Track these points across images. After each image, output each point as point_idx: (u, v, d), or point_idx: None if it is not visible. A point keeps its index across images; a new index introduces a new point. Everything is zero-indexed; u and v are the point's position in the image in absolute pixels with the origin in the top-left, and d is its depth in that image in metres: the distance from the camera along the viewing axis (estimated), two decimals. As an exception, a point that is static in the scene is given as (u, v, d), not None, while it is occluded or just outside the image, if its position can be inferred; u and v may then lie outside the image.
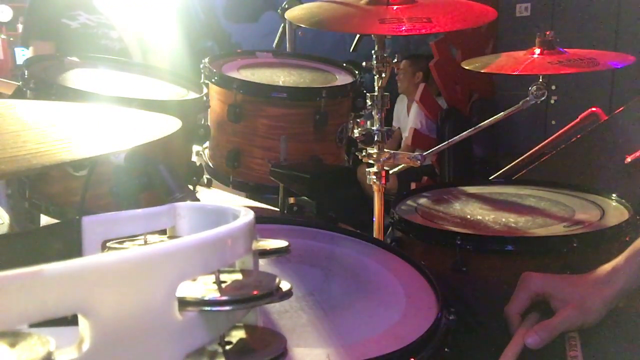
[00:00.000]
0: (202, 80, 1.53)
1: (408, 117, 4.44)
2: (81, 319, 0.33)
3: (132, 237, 0.57)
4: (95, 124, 0.59)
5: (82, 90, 1.21)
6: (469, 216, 1.34)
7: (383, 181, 1.47)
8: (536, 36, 1.59)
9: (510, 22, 4.43)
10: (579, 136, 1.94)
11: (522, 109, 1.66)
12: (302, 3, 1.63)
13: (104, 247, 0.56)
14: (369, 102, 1.47)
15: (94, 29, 2.54)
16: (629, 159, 1.73)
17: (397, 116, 4.62)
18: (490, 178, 1.82)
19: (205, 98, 1.41)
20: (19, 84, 1.25)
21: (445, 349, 0.75)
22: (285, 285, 0.43)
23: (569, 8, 4.18)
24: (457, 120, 4.36)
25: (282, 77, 1.59)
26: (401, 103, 4.61)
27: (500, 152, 4.40)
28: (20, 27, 6.80)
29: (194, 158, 1.60)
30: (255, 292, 0.41)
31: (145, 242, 0.57)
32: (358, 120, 1.65)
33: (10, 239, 0.63)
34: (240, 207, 0.50)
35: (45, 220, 1.31)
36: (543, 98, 1.62)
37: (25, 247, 0.55)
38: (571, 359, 0.82)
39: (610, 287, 0.87)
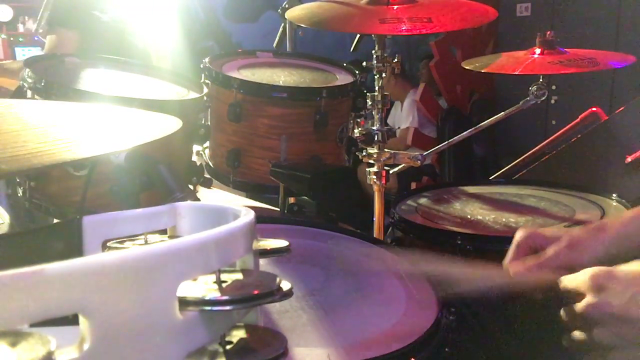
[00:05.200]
0: (202, 80, 1.53)
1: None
2: (82, 319, 0.33)
3: (132, 237, 0.57)
4: (95, 123, 0.59)
5: (82, 90, 1.21)
6: (469, 216, 1.34)
7: (383, 181, 1.47)
8: (536, 36, 1.59)
9: (510, 22, 4.43)
10: (579, 136, 1.94)
11: (522, 108, 1.66)
12: (302, 3, 1.63)
13: (104, 246, 0.56)
14: (369, 102, 1.47)
15: (123, 25, 2.53)
16: (629, 159, 1.72)
17: (392, 120, 4.63)
18: (491, 178, 1.82)
19: (205, 98, 1.41)
20: (21, 62, 1.25)
21: (446, 349, 0.75)
22: (285, 285, 0.43)
23: (570, 8, 4.18)
24: (457, 120, 4.36)
25: (282, 77, 1.59)
26: (395, 108, 4.61)
27: (500, 152, 4.40)
28: (20, 26, 6.80)
29: (194, 158, 1.60)
30: (255, 292, 0.41)
31: (146, 242, 0.57)
32: (358, 120, 1.65)
33: (11, 238, 0.63)
34: (241, 207, 0.50)
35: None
36: (543, 98, 1.62)
37: (26, 247, 0.55)
38: None
39: (606, 232, 0.83)
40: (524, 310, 1.04)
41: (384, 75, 1.45)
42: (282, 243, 0.55)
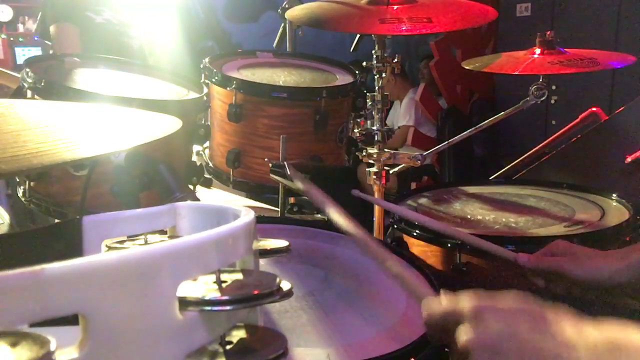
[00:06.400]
0: (202, 80, 1.53)
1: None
2: (82, 319, 0.33)
3: (132, 237, 0.57)
4: (95, 123, 0.59)
5: (82, 90, 1.21)
6: (469, 216, 1.34)
7: (383, 181, 1.47)
8: (536, 36, 1.59)
9: (510, 22, 4.42)
10: (579, 136, 1.94)
11: (522, 109, 1.66)
12: (302, 3, 1.63)
13: (104, 246, 0.56)
14: (369, 102, 1.47)
15: (116, 26, 2.55)
16: (629, 159, 1.72)
17: (392, 120, 4.63)
18: (491, 178, 1.82)
19: (205, 98, 1.41)
20: (19, 75, 1.25)
21: (445, 349, 0.75)
22: (285, 285, 0.43)
23: (570, 8, 4.18)
24: (457, 120, 4.35)
25: (282, 77, 1.59)
26: (394, 108, 4.62)
27: (500, 152, 4.39)
28: (20, 26, 6.80)
29: (194, 158, 1.60)
30: (255, 292, 0.41)
31: (146, 242, 0.57)
32: (358, 120, 1.65)
33: (11, 238, 0.63)
34: (241, 207, 0.50)
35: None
36: (543, 98, 1.62)
37: (26, 247, 0.55)
38: None
39: (618, 260, 0.89)
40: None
41: (384, 75, 1.45)
42: (282, 243, 0.55)
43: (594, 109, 2.01)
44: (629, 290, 0.89)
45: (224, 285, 0.42)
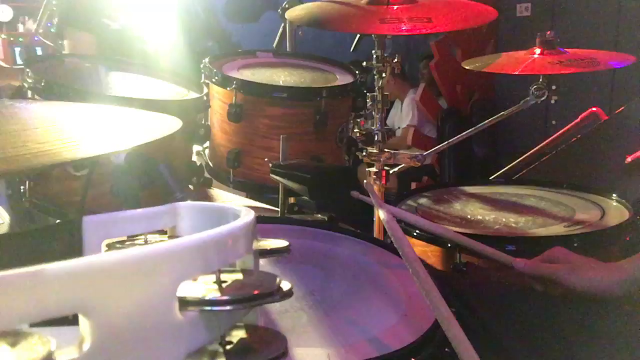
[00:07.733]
0: (202, 80, 1.53)
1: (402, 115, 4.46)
2: (82, 319, 0.33)
3: (132, 237, 0.57)
4: (96, 123, 0.59)
5: (83, 90, 1.21)
6: (469, 216, 1.34)
7: (383, 181, 1.47)
8: (536, 36, 1.59)
9: (510, 22, 4.42)
10: (579, 136, 1.94)
11: (522, 109, 1.66)
12: (302, 3, 1.63)
13: (104, 246, 0.56)
14: (369, 102, 1.47)
15: (132, 32, 2.55)
16: (629, 159, 1.72)
17: (392, 120, 4.63)
18: (491, 178, 1.82)
19: (205, 98, 1.41)
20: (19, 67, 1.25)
21: (446, 349, 0.75)
22: (285, 285, 0.43)
23: (570, 8, 4.18)
24: (457, 120, 4.36)
25: (282, 77, 1.59)
26: (395, 107, 4.61)
27: (500, 152, 4.39)
28: (20, 26, 6.80)
29: (195, 158, 1.60)
30: (255, 292, 0.41)
31: (146, 242, 0.57)
32: (358, 120, 1.65)
33: (11, 238, 0.63)
34: (241, 207, 0.50)
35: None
36: (543, 98, 1.62)
37: (26, 247, 0.55)
38: None
39: (614, 273, 0.89)
40: (524, 309, 1.04)
41: (384, 75, 1.45)
42: (282, 243, 0.55)
43: (594, 109, 2.01)
44: (625, 301, 0.89)
45: (224, 285, 0.42)
